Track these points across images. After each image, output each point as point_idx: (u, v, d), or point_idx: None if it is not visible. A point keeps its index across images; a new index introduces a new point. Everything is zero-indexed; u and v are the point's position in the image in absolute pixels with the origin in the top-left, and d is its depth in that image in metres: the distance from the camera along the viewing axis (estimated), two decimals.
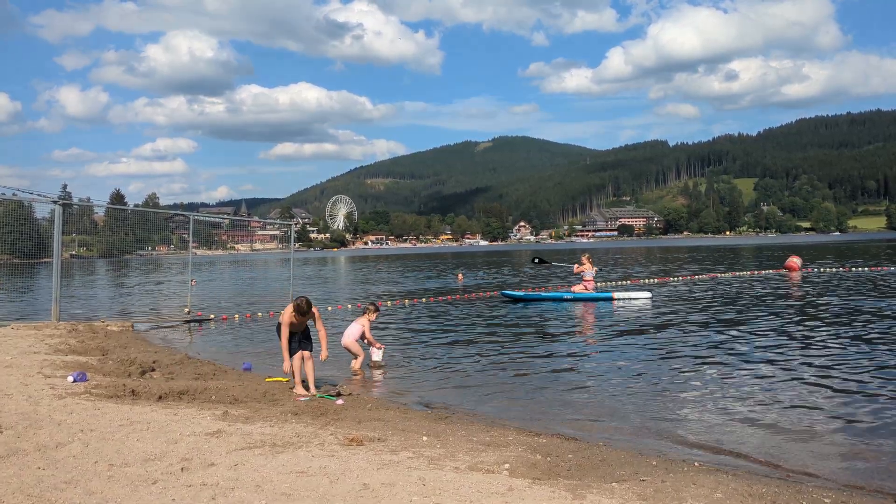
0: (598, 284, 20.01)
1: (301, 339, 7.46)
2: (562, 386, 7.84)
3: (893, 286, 19.29)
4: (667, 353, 9.73)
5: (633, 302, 17.28)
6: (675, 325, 12.67)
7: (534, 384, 7.96)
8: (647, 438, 5.69)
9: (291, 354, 7.36)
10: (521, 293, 19.09)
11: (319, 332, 7.48)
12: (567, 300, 17.93)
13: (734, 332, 11.45)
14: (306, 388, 7.26)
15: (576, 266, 18.92)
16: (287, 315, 7.28)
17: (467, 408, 6.91)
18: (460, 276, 30.88)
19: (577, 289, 18.34)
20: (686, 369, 8.51)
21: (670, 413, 6.50)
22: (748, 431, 5.83)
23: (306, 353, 7.39)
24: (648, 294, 18.29)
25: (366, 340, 9.16)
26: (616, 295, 18.09)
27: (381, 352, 9.28)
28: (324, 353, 7.48)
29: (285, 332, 7.32)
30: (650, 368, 8.64)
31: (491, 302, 18.72)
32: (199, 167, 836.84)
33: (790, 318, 13.05)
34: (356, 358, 9.03)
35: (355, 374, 8.77)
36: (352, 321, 9.48)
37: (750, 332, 11.39)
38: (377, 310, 9.51)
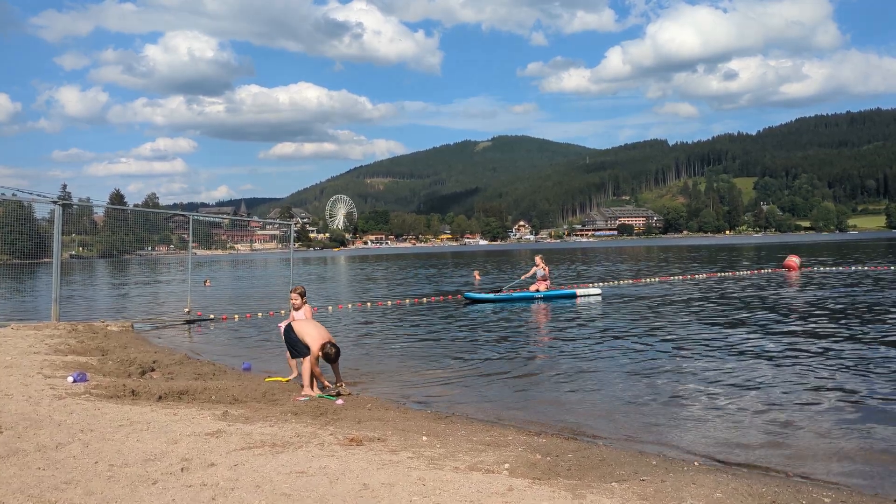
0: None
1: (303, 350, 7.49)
2: (561, 386, 7.84)
3: (893, 285, 19.28)
4: (666, 353, 9.73)
5: (590, 298, 18.17)
6: (674, 324, 12.67)
7: (534, 384, 7.96)
8: (647, 438, 5.69)
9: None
10: (482, 295, 18.96)
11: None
12: (538, 299, 18.24)
13: (733, 332, 11.45)
14: (320, 387, 7.25)
15: (532, 268, 19.35)
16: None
17: (467, 407, 6.91)
18: (477, 274, 30.65)
19: (534, 288, 18.71)
20: (685, 369, 8.51)
21: (670, 413, 6.50)
22: (748, 431, 5.83)
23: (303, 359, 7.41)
24: (598, 290, 19.11)
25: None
26: (579, 292, 18.95)
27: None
28: None
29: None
30: (650, 368, 8.64)
31: (493, 301, 18.71)
32: (198, 167, 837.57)
33: (789, 318, 13.04)
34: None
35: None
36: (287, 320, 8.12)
37: (749, 332, 11.39)
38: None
